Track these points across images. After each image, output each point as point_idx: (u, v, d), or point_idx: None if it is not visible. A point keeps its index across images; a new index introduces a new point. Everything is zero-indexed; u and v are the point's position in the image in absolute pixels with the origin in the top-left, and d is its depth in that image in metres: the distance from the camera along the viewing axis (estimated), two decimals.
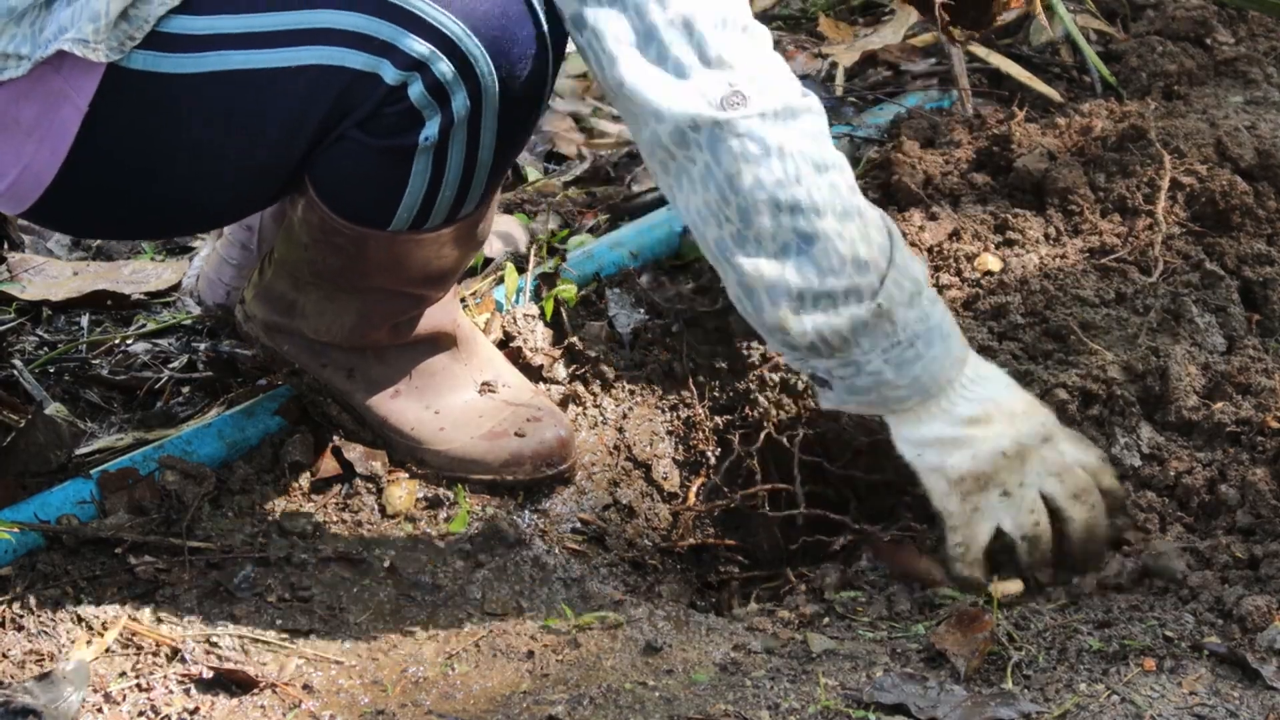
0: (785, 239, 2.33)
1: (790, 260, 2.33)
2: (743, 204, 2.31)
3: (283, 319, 2.78)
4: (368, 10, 2.35)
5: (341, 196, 2.54)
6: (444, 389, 2.79)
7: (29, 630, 2.43)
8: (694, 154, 2.31)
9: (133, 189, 2.49)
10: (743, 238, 2.33)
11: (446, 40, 2.36)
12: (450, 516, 2.70)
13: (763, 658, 2.39)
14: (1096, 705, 2.25)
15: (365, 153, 2.44)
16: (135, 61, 2.37)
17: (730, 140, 2.29)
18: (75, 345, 3.19)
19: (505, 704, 2.32)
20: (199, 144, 2.44)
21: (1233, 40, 3.88)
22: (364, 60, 2.36)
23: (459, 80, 2.38)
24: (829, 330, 2.37)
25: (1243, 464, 2.67)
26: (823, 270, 2.34)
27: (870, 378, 2.41)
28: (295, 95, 2.39)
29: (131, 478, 2.64)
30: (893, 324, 2.38)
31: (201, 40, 2.37)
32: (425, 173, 2.47)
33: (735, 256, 2.35)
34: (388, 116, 2.40)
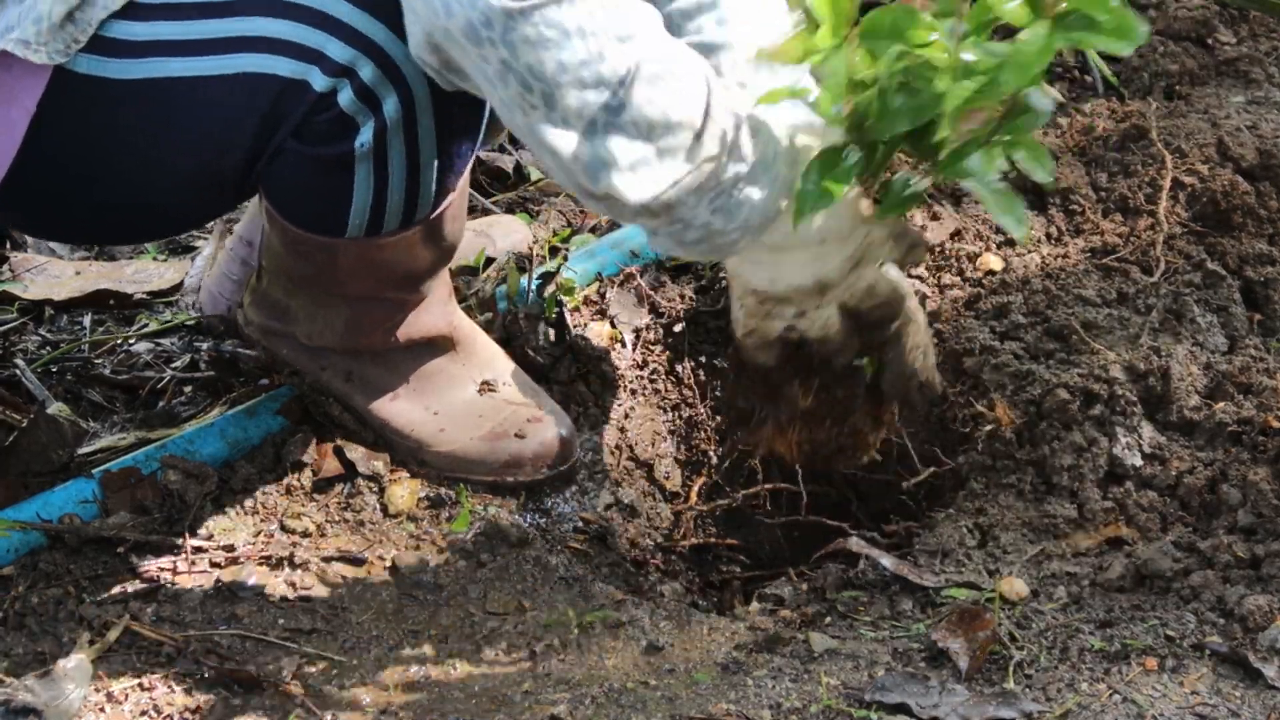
0: (591, 114, 2.23)
1: (599, 135, 2.24)
2: (546, 89, 2.21)
3: (278, 324, 2.78)
4: (295, 18, 2.34)
5: (294, 207, 2.55)
6: (443, 390, 2.79)
7: (31, 629, 2.44)
8: (487, 51, 2.21)
9: (80, 191, 2.49)
10: (550, 119, 2.23)
11: (372, 45, 2.35)
12: (452, 516, 2.70)
13: (764, 657, 2.39)
14: (1098, 705, 2.25)
15: (305, 163, 2.44)
16: (80, 65, 2.37)
17: (525, 29, 2.19)
18: (77, 345, 3.19)
19: (507, 703, 2.32)
20: (142, 149, 2.43)
21: (1234, 40, 3.88)
22: (292, 67, 2.36)
23: (387, 84, 2.38)
24: (652, 195, 2.27)
25: (1244, 464, 2.67)
26: (632, 137, 2.25)
27: (699, 230, 2.32)
28: (229, 102, 2.39)
29: (134, 477, 2.65)
30: (716, 177, 2.30)
31: (142, 46, 2.37)
32: (369, 179, 2.47)
33: (546, 138, 2.25)
34: (320, 124, 2.40)
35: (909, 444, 2.90)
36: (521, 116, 2.24)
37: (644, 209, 2.28)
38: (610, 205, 2.28)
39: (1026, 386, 2.84)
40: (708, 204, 2.30)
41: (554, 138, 2.23)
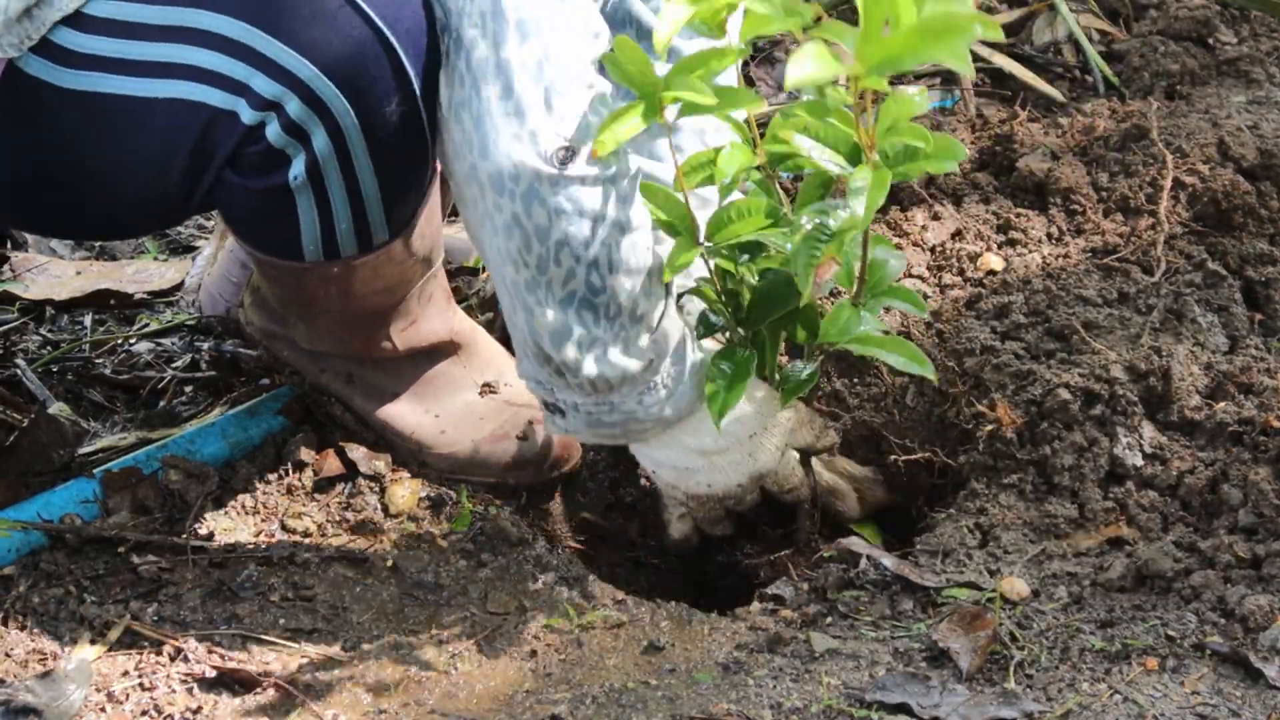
0: (574, 288, 2.39)
1: (572, 308, 2.39)
2: (543, 254, 2.36)
3: (278, 327, 2.78)
4: (225, 50, 2.34)
5: (249, 234, 2.56)
6: (444, 392, 2.79)
7: (32, 629, 2.44)
8: (503, 202, 2.33)
9: (30, 187, 2.49)
10: (535, 283, 2.38)
11: (297, 81, 2.34)
12: (453, 516, 2.70)
13: (765, 657, 2.39)
14: (1099, 705, 2.25)
15: (244, 194, 2.44)
16: (31, 67, 2.37)
17: (546, 195, 2.33)
18: (78, 345, 3.19)
19: (508, 703, 2.32)
20: (84, 159, 2.43)
21: (1235, 40, 3.88)
22: (222, 98, 2.36)
23: (315, 119, 2.37)
24: (598, 373, 2.44)
25: (1245, 463, 2.67)
26: (600, 319, 2.41)
27: (621, 415, 2.51)
28: (162, 126, 2.39)
29: (134, 477, 2.65)
30: (654, 373, 2.48)
31: (86, 58, 2.37)
32: (311, 210, 2.47)
33: (526, 298, 2.40)
34: (251, 156, 2.40)
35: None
36: (512, 271, 2.38)
37: (588, 384, 2.45)
38: (557, 370, 2.44)
39: (1027, 386, 2.84)
40: (637, 395, 2.48)
41: (533, 299, 2.39)
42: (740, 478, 2.62)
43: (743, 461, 2.61)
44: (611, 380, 2.44)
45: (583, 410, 2.50)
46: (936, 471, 2.87)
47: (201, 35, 2.33)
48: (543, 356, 2.44)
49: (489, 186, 2.33)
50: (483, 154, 2.32)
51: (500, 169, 2.31)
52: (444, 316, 2.79)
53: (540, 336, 2.41)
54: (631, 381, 2.46)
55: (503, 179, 2.32)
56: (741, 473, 2.62)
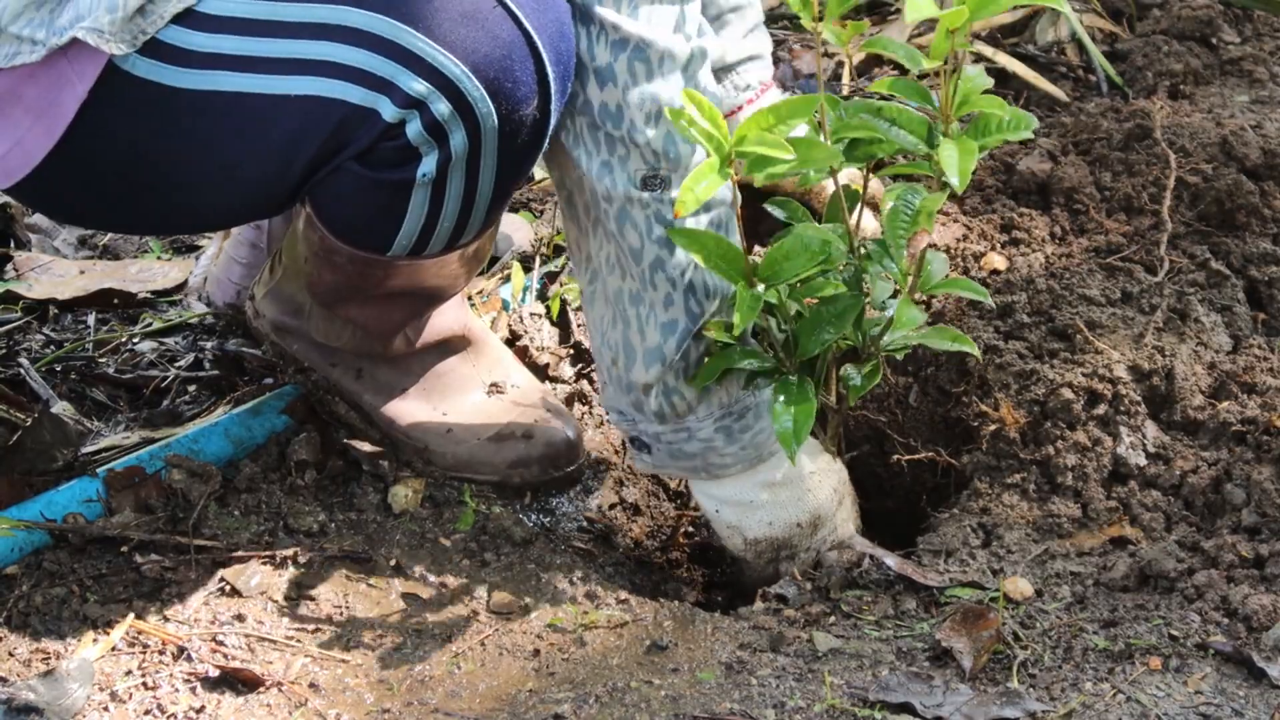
0: (676, 316, 2.48)
1: (674, 336, 2.49)
2: (643, 272, 2.46)
3: (292, 320, 2.78)
4: (369, 46, 2.34)
5: (340, 222, 2.55)
6: (452, 390, 2.80)
7: (35, 629, 2.44)
8: (605, 213, 2.45)
9: (119, 185, 2.49)
10: (639, 298, 2.49)
11: (446, 80, 2.35)
12: (456, 515, 2.70)
13: (768, 656, 2.39)
14: (1102, 704, 2.25)
15: (363, 184, 2.45)
16: (138, 68, 2.37)
17: (638, 218, 2.44)
18: (81, 344, 3.19)
19: (511, 702, 2.32)
20: (190, 157, 2.44)
21: (1238, 40, 3.88)
22: (363, 95, 2.36)
23: (457, 119, 2.38)
24: (678, 396, 2.53)
25: (1248, 463, 2.67)
26: (695, 347, 2.50)
27: (700, 444, 2.57)
28: (291, 123, 2.39)
29: (138, 476, 2.65)
30: (730, 395, 2.54)
31: (202, 57, 2.37)
32: (423, 205, 2.48)
33: (631, 310, 2.49)
34: (385, 151, 2.40)
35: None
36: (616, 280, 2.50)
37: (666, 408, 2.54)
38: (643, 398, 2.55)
39: (1031, 386, 2.84)
40: (714, 421, 2.55)
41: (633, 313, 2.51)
42: (800, 515, 2.65)
43: (803, 497, 2.64)
44: (689, 399, 2.53)
45: (664, 441, 2.58)
46: (940, 471, 2.88)
47: (341, 30, 2.34)
48: (625, 383, 2.54)
49: (592, 198, 2.45)
50: (579, 170, 2.44)
51: (595, 189, 2.44)
52: (458, 311, 2.79)
53: (635, 354, 2.51)
54: (708, 400, 2.54)
55: (598, 199, 2.44)
56: (802, 509, 2.64)
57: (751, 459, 2.60)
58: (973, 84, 2.42)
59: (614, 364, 2.54)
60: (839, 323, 2.50)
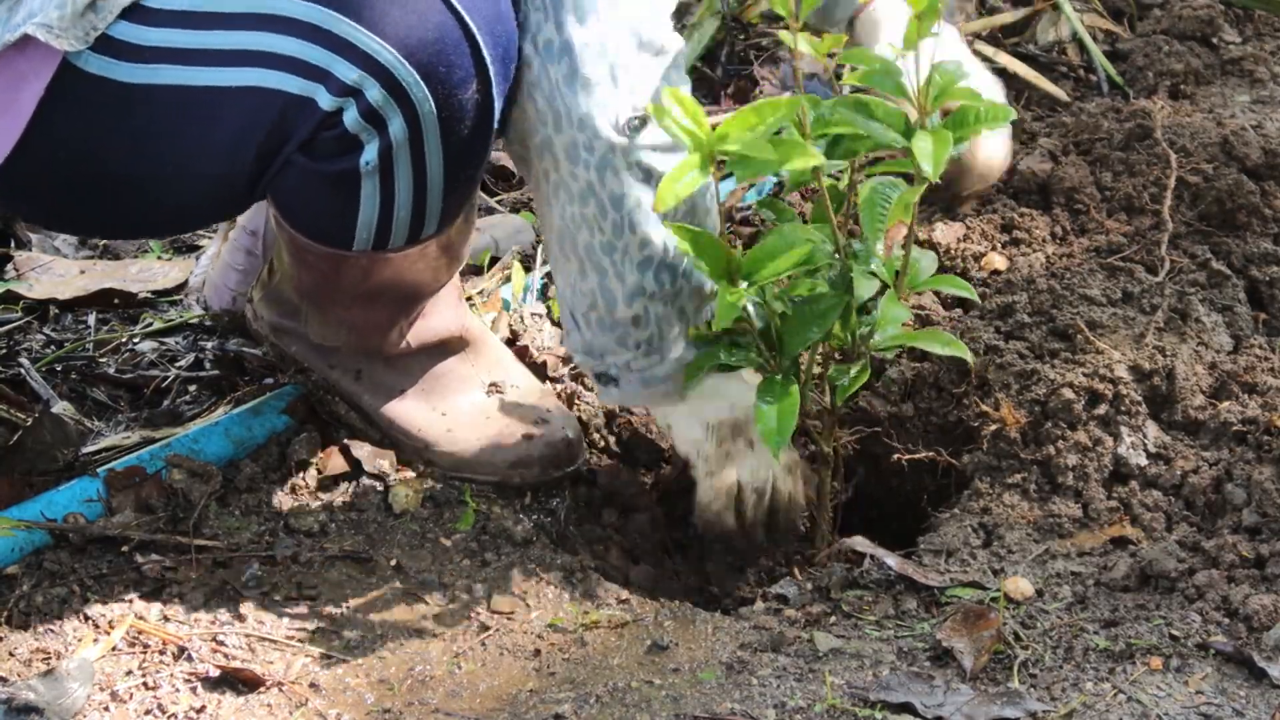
0: (651, 253, 2.50)
1: (650, 270, 2.51)
2: (617, 221, 2.47)
3: (289, 322, 2.78)
4: (303, 36, 2.35)
5: (301, 218, 2.57)
6: (452, 391, 2.79)
7: (35, 628, 2.44)
8: (578, 170, 2.44)
9: (79, 184, 2.49)
10: (611, 246, 2.50)
11: (379, 66, 2.36)
12: (456, 515, 2.70)
13: (769, 656, 2.39)
14: (1103, 704, 2.25)
15: (311, 177, 2.46)
16: (90, 64, 2.38)
17: (620, 164, 2.43)
18: (82, 344, 3.19)
19: (511, 702, 2.32)
20: (143, 153, 2.44)
21: (1239, 39, 3.88)
22: (300, 85, 2.37)
23: (393, 105, 2.39)
24: (659, 332, 2.56)
25: (1249, 463, 2.67)
26: (676, 278, 2.52)
27: (672, 365, 2.60)
28: (235, 115, 2.40)
29: (138, 476, 2.65)
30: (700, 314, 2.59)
31: (152, 51, 2.38)
32: (374, 195, 2.48)
33: (602, 259, 2.50)
34: (325, 141, 2.41)
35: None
36: (586, 235, 2.49)
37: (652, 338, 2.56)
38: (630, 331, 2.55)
39: (1031, 386, 2.83)
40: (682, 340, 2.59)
41: (608, 261, 2.49)
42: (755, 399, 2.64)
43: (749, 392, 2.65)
44: (669, 323, 2.55)
45: (635, 370, 2.60)
46: (940, 471, 2.87)
47: (278, 21, 2.35)
48: (609, 322, 2.55)
49: (563, 158, 2.44)
50: (556, 128, 2.42)
51: (574, 140, 2.42)
52: (455, 311, 2.79)
53: (614, 296, 2.52)
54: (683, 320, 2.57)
55: (577, 149, 2.42)
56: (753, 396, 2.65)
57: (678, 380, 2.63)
58: (950, 76, 2.43)
59: (592, 309, 2.56)
60: (822, 321, 2.50)
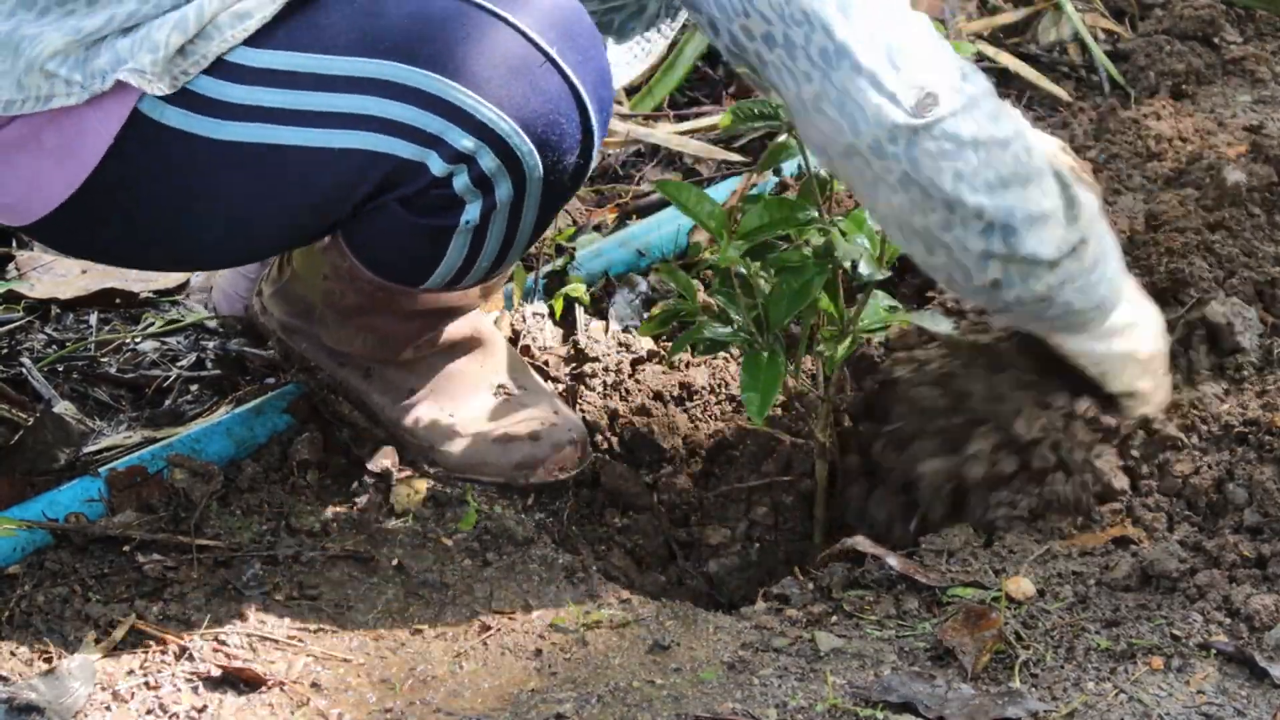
0: (991, 217, 2.41)
1: (995, 235, 2.43)
2: (946, 197, 2.40)
3: (299, 321, 2.78)
4: (417, 102, 2.36)
5: (376, 257, 2.58)
6: (460, 391, 2.79)
7: (37, 628, 2.44)
8: (889, 164, 2.38)
9: (141, 228, 2.50)
10: (949, 223, 2.42)
11: (494, 136, 2.38)
12: (458, 515, 2.70)
13: (770, 656, 2.39)
14: (1104, 704, 2.25)
15: (404, 226, 2.47)
16: (167, 116, 2.38)
17: (927, 144, 2.38)
18: (84, 343, 3.19)
19: (513, 702, 2.32)
20: (221, 205, 2.45)
21: (1241, 39, 3.88)
22: (411, 150, 2.38)
23: (504, 172, 2.41)
24: (1028, 288, 2.48)
25: (1250, 463, 2.67)
26: (1023, 236, 2.44)
27: (1060, 308, 2.54)
28: (334, 176, 2.41)
29: (140, 476, 2.65)
30: (1080, 261, 2.51)
31: (239, 109, 2.38)
32: (463, 249, 2.50)
33: (944, 237, 2.44)
34: (432, 198, 2.43)
35: None
36: (920, 217, 2.42)
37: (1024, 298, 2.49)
38: (995, 295, 2.50)
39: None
40: (1074, 289, 2.51)
41: (949, 236, 2.43)
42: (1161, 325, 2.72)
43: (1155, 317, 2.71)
44: (1042, 284, 2.48)
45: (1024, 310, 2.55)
46: None
47: (385, 86, 2.36)
48: (972, 289, 2.51)
49: (871, 156, 2.38)
50: (854, 131, 2.37)
51: (877, 138, 2.36)
52: (471, 313, 2.79)
53: (967, 270, 2.46)
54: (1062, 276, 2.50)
55: (882, 146, 2.37)
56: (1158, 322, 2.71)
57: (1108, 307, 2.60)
58: None
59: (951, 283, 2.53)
60: (805, 292, 2.52)
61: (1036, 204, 2.43)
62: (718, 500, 2.91)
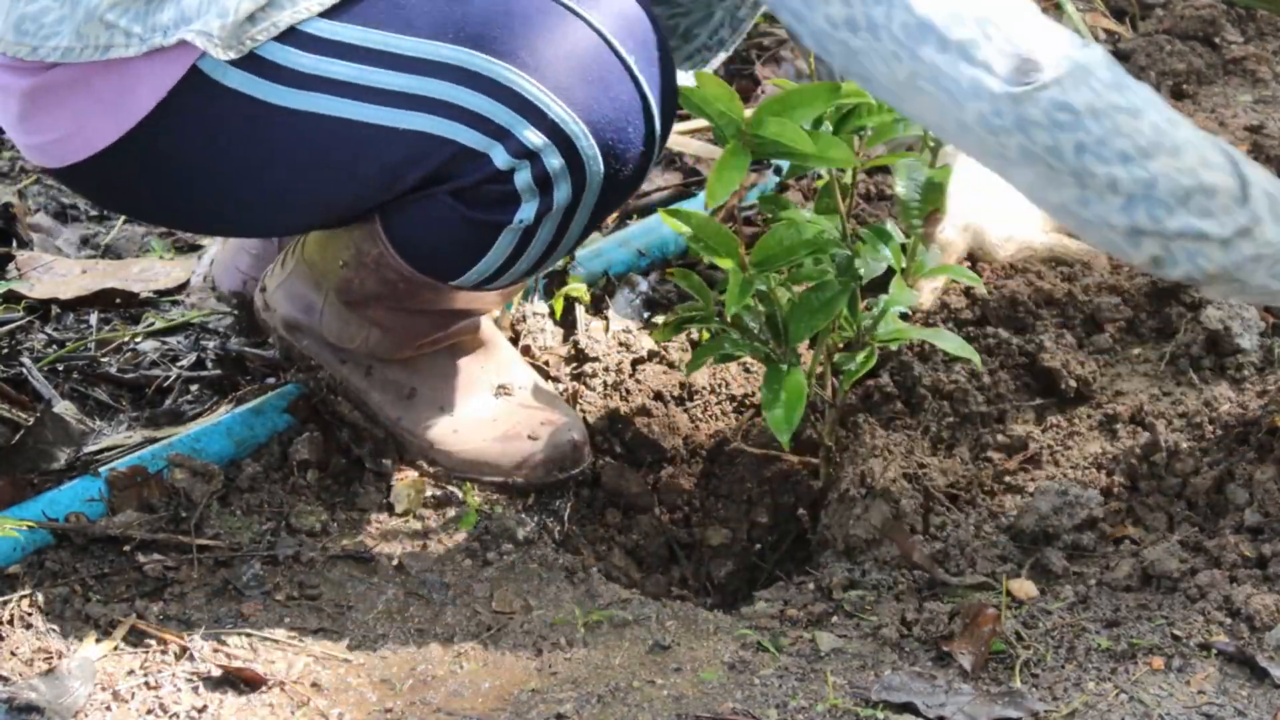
0: (1128, 190, 2.28)
1: (1140, 207, 2.28)
2: (1073, 169, 2.27)
3: (303, 317, 2.77)
4: (488, 92, 2.35)
5: (413, 247, 2.55)
6: (461, 391, 2.79)
7: (37, 628, 2.43)
8: (1004, 139, 2.27)
9: (183, 185, 2.48)
10: (1085, 199, 2.29)
11: (564, 137, 2.37)
12: (459, 515, 2.70)
13: (771, 656, 2.39)
14: (1104, 704, 2.25)
15: (452, 218, 2.45)
16: (229, 78, 2.36)
17: (1035, 114, 2.25)
18: (84, 343, 3.19)
19: (513, 702, 2.32)
20: (266, 171, 2.44)
21: (1241, 39, 3.88)
22: (476, 139, 2.37)
23: (566, 174, 2.40)
24: (1197, 266, 2.32)
25: (1251, 463, 2.67)
26: (1172, 209, 2.29)
27: (1257, 292, 2.37)
28: (394, 154, 2.39)
29: (140, 475, 2.65)
30: (1267, 241, 2.33)
31: (306, 78, 2.36)
32: (507, 248, 2.48)
33: (1084, 214, 2.31)
34: (487, 193, 2.41)
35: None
36: (1054, 193, 2.29)
37: (1194, 275, 2.32)
38: (1160, 271, 2.33)
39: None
40: (1265, 270, 2.33)
41: (1089, 212, 2.28)
42: None
43: None
44: (1211, 264, 2.32)
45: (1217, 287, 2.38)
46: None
47: (462, 73, 2.34)
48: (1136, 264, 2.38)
49: (983, 131, 2.27)
50: (958, 106, 2.26)
51: (980, 111, 2.25)
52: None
53: (1121, 248, 2.33)
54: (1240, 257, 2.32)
55: (988, 119, 2.26)
56: None
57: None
58: None
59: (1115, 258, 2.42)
60: (828, 309, 2.51)
61: (1189, 176, 2.27)
62: (718, 500, 2.91)
